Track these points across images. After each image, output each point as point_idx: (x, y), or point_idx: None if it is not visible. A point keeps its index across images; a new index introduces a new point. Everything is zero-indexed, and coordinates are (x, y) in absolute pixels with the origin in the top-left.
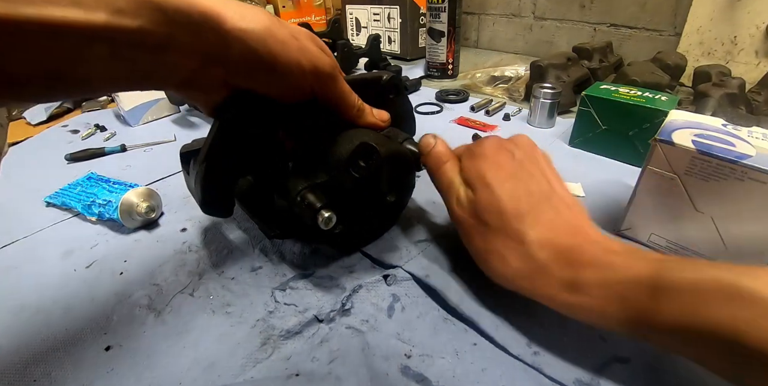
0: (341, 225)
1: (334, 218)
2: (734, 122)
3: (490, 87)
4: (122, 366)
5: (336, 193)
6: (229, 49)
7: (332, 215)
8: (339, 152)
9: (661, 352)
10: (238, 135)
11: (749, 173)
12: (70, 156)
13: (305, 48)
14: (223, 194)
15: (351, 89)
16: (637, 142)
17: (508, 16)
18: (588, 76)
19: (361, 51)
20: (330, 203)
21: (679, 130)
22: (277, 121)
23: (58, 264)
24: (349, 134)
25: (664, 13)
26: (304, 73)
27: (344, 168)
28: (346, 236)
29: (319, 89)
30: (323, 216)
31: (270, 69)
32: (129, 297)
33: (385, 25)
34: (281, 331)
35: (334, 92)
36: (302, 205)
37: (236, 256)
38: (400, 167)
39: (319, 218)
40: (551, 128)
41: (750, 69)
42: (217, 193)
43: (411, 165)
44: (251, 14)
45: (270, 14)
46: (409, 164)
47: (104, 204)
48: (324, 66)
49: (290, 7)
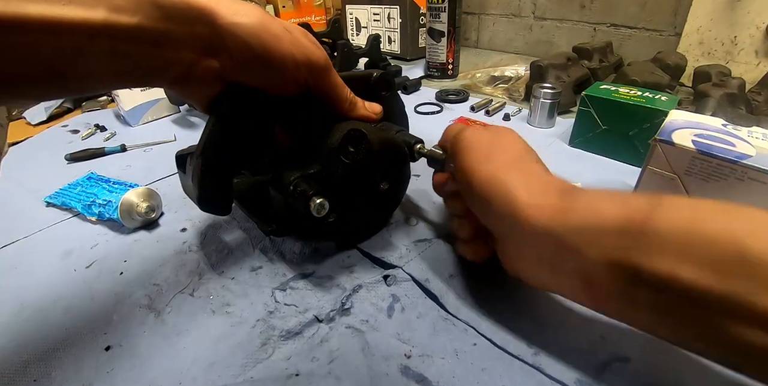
0: (334, 214)
1: (326, 205)
2: (734, 122)
3: (490, 87)
4: (122, 366)
5: (328, 182)
6: (223, 43)
7: (324, 201)
8: (330, 142)
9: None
10: (233, 129)
11: (749, 173)
12: (70, 156)
13: (298, 41)
14: (220, 190)
15: (343, 83)
16: (637, 142)
17: (508, 16)
18: (588, 76)
19: (361, 51)
20: (322, 192)
21: (679, 130)
22: (271, 114)
23: (58, 264)
24: (341, 126)
25: (664, 13)
26: (297, 66)
27: (335, 155)
28: (341, 227)
29: (313, 81)
30: (315, 203)
31: (264, 62)
32: (129, 297)
33: (385, 25)
34: (281, 331)
35: (328, 85)
36: (295, 193)
37: (236, 256)
38: (392, 155)
39: (311, 205)
40: (551, 128)
41: (750, 69)
42: (214, 189)
43: (404, 155)
44: (244, 9)
45: (262, 10)
46: (402, 153)
47: (104, 204)
48: (317, 58)
49: (290, 7)
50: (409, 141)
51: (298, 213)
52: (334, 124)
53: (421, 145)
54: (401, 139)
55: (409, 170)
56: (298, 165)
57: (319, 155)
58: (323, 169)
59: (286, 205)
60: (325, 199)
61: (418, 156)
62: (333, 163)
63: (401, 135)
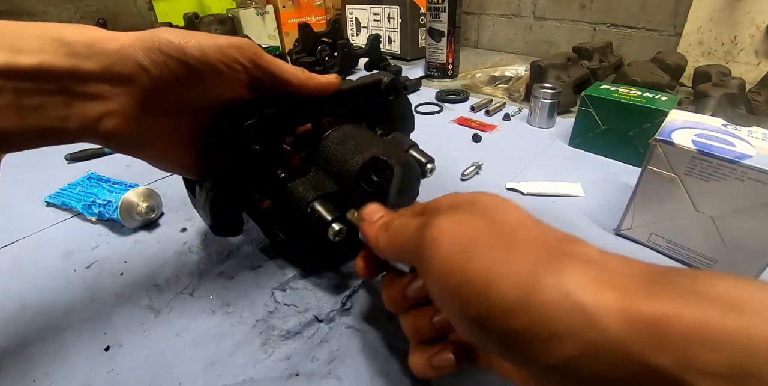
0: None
1: (344, 232)
2: (734, 122)
3: (490, 87)
4: (122, 366)
5: (345, 203)
6: (136, 65)
7: (343, 228)
8: (349, 163)
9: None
10: (241, 154)
11: (749, 173)
12: (70, 156)
13: (209, 36)
14: (232, 217)
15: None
16: (637, 142)
17: (508, 16)
18: (588, 76)
19: (361, 51)
20: (341, 217)
21: (679, 130)
22: (276, 132)
23: (58, 264)
24: (356, 141)
25: (664, 13)
26: (225, 56)
27: (355, 181)
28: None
29: (252, 65)
30: (334, 230)
31: (189, 65)
32: (129, 298)
33: (385, 25)
34: (281, 331)
35: (269, 62)
36: (312, 216)
37: (236, 256)
38: (407, 176)
39: (329, 231)
40: (551, 128)
41: (750, 69)
42: (227, 217)
43: (418, 176)
44: (140, 32)
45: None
46: (416, 174)
47: (104, 204)
48: (237, 39)
49: (290, 7)
50: (422, 160)
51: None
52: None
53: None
54: (414, 157)
55: (418, 186)
56: (312, 182)
57: (334, 173)
58: (340, 189)
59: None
60: (344, 226)
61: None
62: (351, 186)
63: (413, 151)
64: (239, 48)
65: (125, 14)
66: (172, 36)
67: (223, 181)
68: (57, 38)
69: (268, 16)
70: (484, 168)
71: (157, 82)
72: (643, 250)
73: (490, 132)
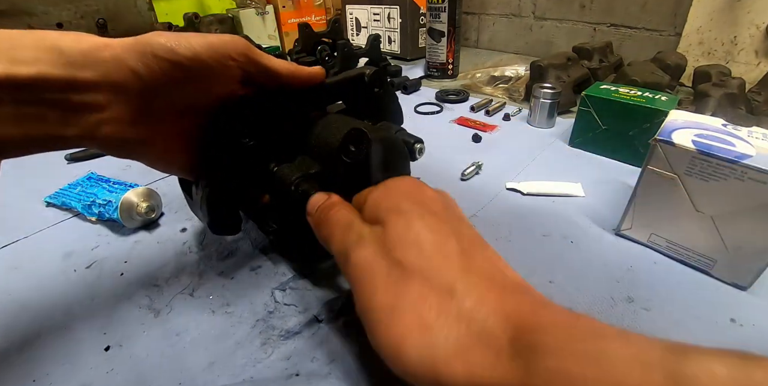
0: None
1: None
2: (734, 122)
3: (490, 87)
4: (122, 366)
5: (330, 183)
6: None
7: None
8: (330, 142)
9: None
10: (235, 150)
11: (749, 173)
12: (70, 156)
13: (200, 35)
14: (230, 216)
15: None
16: (637, 142)
17: (508, 16)
18: (588, 76)
19: (361, 51)
20: (324, 191)
21: (679, 130)
22: (267, 125)
23: (58, 265)
24: (338, 125)
25: (664, 13)
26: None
27: (336, 155)
28: None
29: (245, 60)
30: None
31: (183, 66)
32: (129, 298)
33: (385, 25)
34: (281, 331)
35: (260, 58)
36: (296, 193)
37: (236, 256)
38: (393, 155)
39: None
40: (551, 128)
41: (750, 69)
42: (225, 216)
43: (404, 154)
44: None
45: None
46: (402, 152)
47: (104, 204)
48: (230, 37)
49: (290, 7)
50: (409, 140)
51: (297, 215)
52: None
53: (422, 145)
54: (401, 138)
55: (409, 169)
56: (297, 166)
57: (318, 155)
58: (324, 169)
59: (285, 206)
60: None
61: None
62: (334, 162)
63: (401, 135)
64: (230, 43)
65: (125, 14)
66: (164, 39)
67: (221, 178)
68: (53, 47)
69: (268, 16)
70: (484, 168)
71: (151, 87)
72: (643, 250)
73: (490, 132)
